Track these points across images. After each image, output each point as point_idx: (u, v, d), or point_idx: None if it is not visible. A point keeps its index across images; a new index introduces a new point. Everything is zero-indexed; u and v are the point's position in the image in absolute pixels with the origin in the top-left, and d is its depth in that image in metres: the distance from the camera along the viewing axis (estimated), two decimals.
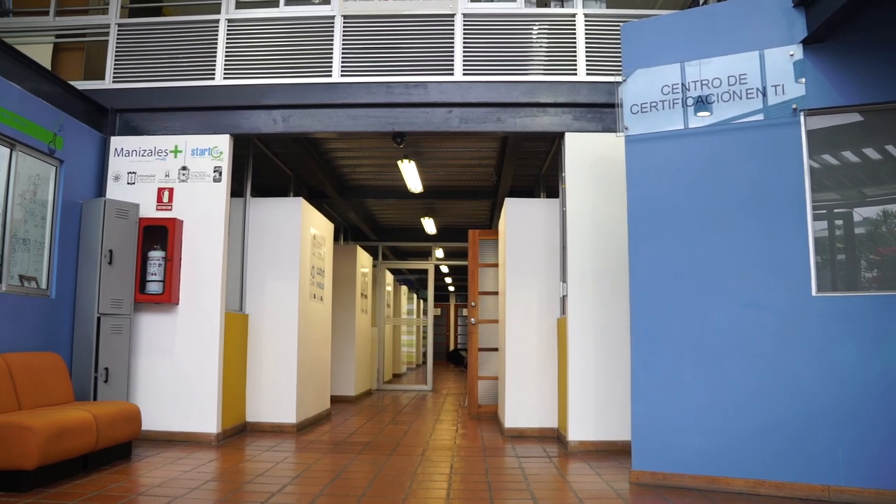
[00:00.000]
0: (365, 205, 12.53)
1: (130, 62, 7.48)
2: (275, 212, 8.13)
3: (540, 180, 9.86)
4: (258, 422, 7.78)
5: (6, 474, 4.66)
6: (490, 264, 9.76)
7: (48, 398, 5.76)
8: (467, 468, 5.81)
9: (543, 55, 7.16)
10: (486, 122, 7.10)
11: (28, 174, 6.32)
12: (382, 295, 14.98)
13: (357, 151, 9.51)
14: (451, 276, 23.92)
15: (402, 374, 18.89)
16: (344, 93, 7.18)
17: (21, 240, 6.22)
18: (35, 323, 6.23)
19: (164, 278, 7.01)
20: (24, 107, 6.14)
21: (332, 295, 9.96)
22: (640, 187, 5.45)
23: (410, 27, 7.21)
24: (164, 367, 7.02)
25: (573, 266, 6.85)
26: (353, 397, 11.67)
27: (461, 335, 29.83)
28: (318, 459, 6.14)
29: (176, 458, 5.98)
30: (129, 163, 7.28)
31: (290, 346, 7.89)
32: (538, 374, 7.66)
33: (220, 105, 7.29)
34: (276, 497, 4.67)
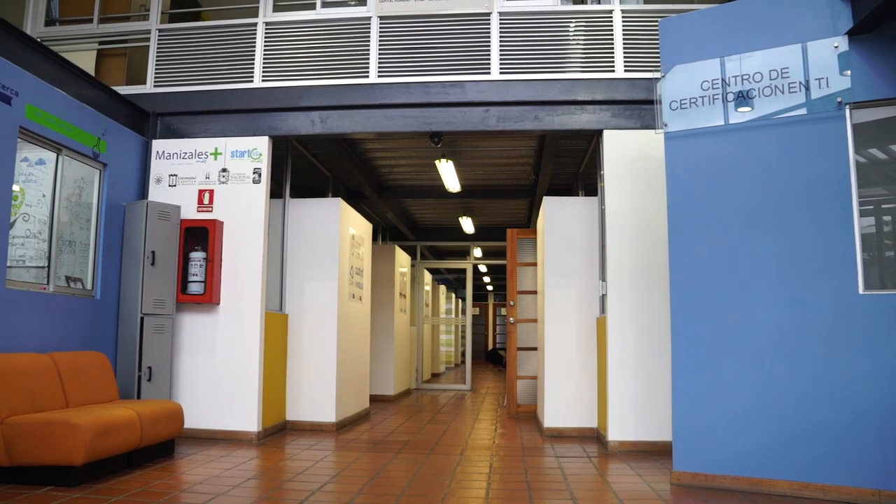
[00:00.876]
0: (403, 205, 12.57)
1: (171, 67, 7.59)
2: (314, 212, 8.19)
3: (578, 178, 9.80)
4: (298, 420, 7.85)
5: (56, 469, 4.77)
6: (528, 263, 9.72)
7: (94, 396, 5.88)
8: (506, 468, 5.80)
9: (580, 52, 7.11)
10: (524, 120, 7.08)
11: (73, 178, 6.45)
12: (421, 294, 15.01)
13: (395, 151, 9.54)
14: (490, 275, 23.87)
15: (441, 374, 18.90)
16: (381, 93, 7.21)
17: (67, 242, 6.35)
18: (81, 323, 6.36)
19: (206, 279, 7.10)
20: (70, 112, 6.27)
21: (370, 295, 10.01)
22: (680, 184, 5.38)
23: (447, 27, 7.21)
24: (205, 366, 7.11)
25: (612, 264, 6.79)
26: (391, 396, 11.71)
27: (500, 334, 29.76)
28: (358, 458, 6.18)
29: (217, 456, 6.05)
30: (170, 165, 7.39)
31: (330, 345, 7.94)
32: (577, 373, 7.62)
33: (259, 107, 7.36)
34: (316, 495, 4.70)
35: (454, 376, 18.62)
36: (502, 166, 10.17)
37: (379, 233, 14.00)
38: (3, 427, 4.81)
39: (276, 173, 7.94)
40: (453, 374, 19.35)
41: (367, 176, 10.19)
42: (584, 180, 9.69)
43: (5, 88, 5.49)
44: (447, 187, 10.60)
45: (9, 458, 4.80)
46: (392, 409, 10.41)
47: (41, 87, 5.94)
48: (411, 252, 14.70)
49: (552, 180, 10.10)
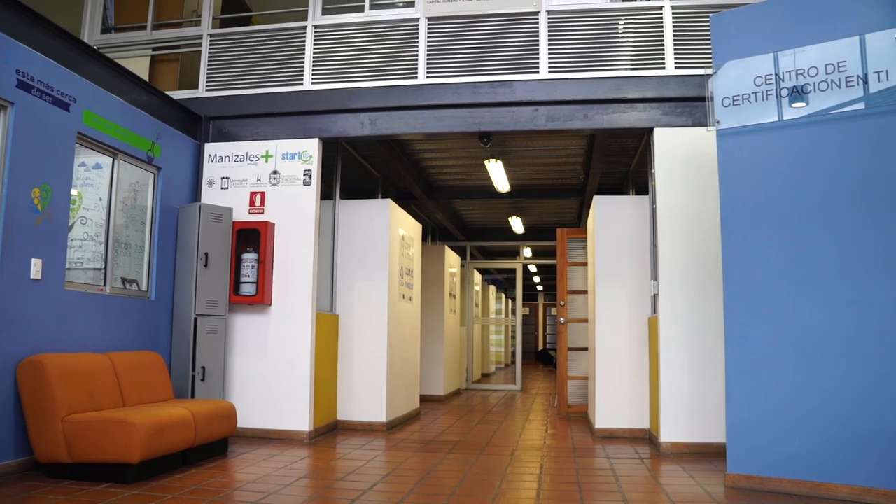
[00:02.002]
0: (452, 205, 12.58)
1: (222, 71, 7.71)
2: (364, 213, 8.25)
3: (629, 177, 9.69)
4: (349, 420, 7.90)
5: (113, 467, 4.88)
6: (579, 263, 9.65)
7: (149, 395, 6.00)
8: (557, 468, 5.76)
9: (630, 50, 7.03)
10: (573, 119, 7.02)
11: (129, 181, 6.60)
12: (471, 295, 15.00)
13: (444, 152, 9.55)
14: (540, 275, 23.76)
15: (491, 374, 18.88)
16: (430, 94, 7.22)
17: (123, 244, 6.50)
18: (137, 323, 6.50)
19: (257, 280, 7.20)
20: (125, 118, 6.42)
21: (420, 295, 10.04)
22: (733, 182, 5.28)
23: (495, 26, 7.19)
24: (257, 366, 7.21)
25: (664, 264, 6.70)
26: (442, 397, 11.73)
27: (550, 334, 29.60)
28: (408, 458, 6.19)
29: (270, 455, 6.13)
30: (222, 168, 7.51)
31: (380, 345, 7.99)
32: (629, 373, 7.53)
33: (309, 110, 7.43)
34: (367, 495, 4.73)
35: (504, 377, 18.58)
36: (552, 166, 10.11)
37: (428, 233, 14.03)
38: (64, 425, 4.94)
39: (326, 175, 8.02)
40: (503, 375, 19.31)
41: (416, 177, 10.21)
42: (634, 179, 9.58)
43: (63, 95, 5.64)
44: (496, 187, 10.57)
45: (70, 455, 4.93)
46: (442, 409, 10.43)
47: (98, 94, 6.09)
48: (461, 252, 14.70)
49: (602, 179, 10.00)
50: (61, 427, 4.94)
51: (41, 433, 4.99)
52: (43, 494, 4.53)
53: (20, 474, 5.08)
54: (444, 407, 10.73)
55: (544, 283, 26.66)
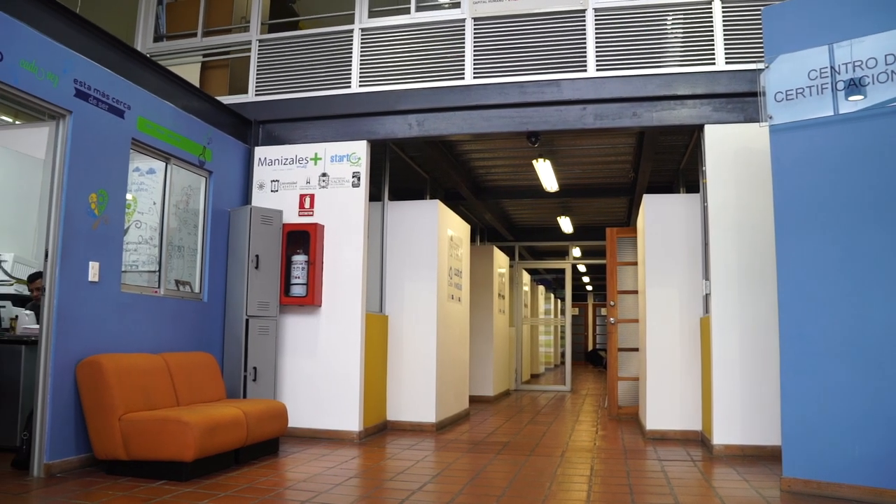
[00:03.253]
0: (501, 205, 12.56)
1: (271, 75, 7.81)
2: (412, 214, 8.28)
3: (679, 175, 9.56)
4: (398, 420, 7.94)
5: (168, 464, 4.99)
6: (629, 262, 9.55)
7: (202, 395, 6.11)
8: (608, 470, 5.70)
9: (679, 46, 6.93)
10: (622, 117, 6.95)
11: (181, 185, 6.73)
12: (520, 295, 14.95)
13: (491, 152, 9.54)
14: (589, 275, 23.59)
15: (541, 375, 18.79)
16: (477, 94, 7.21)
17: (176, 247, 6.62)
18: (190, 324, 6.63)
19: (307, 281, 7.27)
20: (178, 123, 6.54)
21: (469, 296, 10.04)
22: (787, 179, 5.17)
23: (541, 25, 7.16)
24: (308, 366, 7.28)
25: (716, 263, 6.59)
26: (491, 397, 11.71)
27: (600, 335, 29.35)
28: (458, 458, 6.20)
29: (320, 455, 6.19)
30: (272, 171, 7.61)
31: (429, 346, 8.01)
32: (681, 374, 7.43)
33: (357, 112, 7.49)
34: (417, 495, 4.74)
35: (554, 377, 18.48)
36: (600, 164, 10.02)
37: (477, 234, 14.03)
38: (121, 423, 5.06)
39: (374, 176, 8.06)
40: (553, 375, 19.20)
41: (464, 177, 10.22)
42: (685, 177, 9.44)
43: (118, 103, 5.78)
44: (545, 187, 10.53)
45: (127, 453, 5.05)
46: (491, 409, 10.41)
47: (151, 100, 6.22)
48: (509, 253, 14.67)
49: (652, 177, 9.88)
50: (118, 425, 5.06)
51: (100, 431, 5.12)
52: (102, 490, 4.64)
53: (81, 470, 5.22)
54: (493, 407, 10.71)
55: (594, 283, 26.47)
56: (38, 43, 5.05)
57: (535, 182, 10.58)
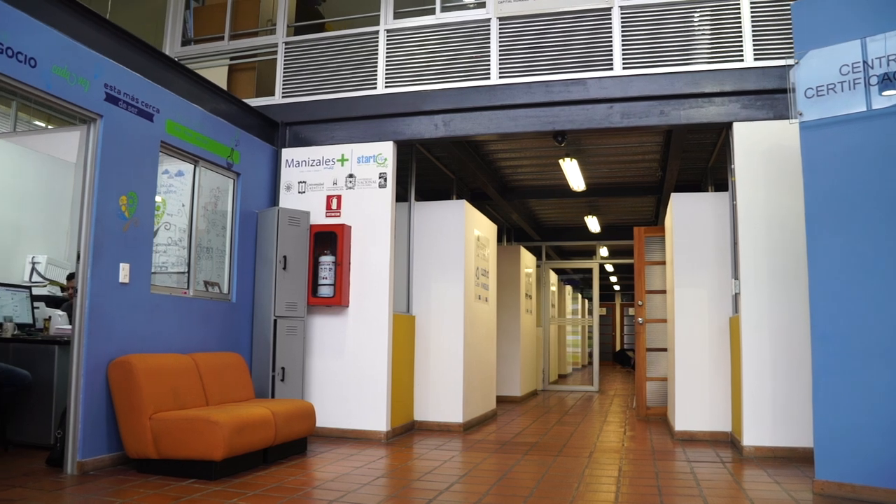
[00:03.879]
0: (527, 205, 12.53)
1: (297, 77, 7.86)
2: (439, 215, 8.29)
3: (707, 173, 9.48)
4: (425, 421, 7.95)
5: (198, 463, 5.04)
6: (657, 262, 9.48)
7: (231, 395, 6.16)
8: (636, 471, 5.67)
9: (706, 43, 6.86)
10: (649, 116, 6.90)
11: (210, 187, 6.79)
12: (547, 295, 14.91)
13: (518, 152, 9.52)
14: (617, 274, 23.45)
15: (568, 375, 18.71)
16: (503, 94, 7.20)
17: (205, 248, 6.68)
18: (218, 325, 6.68)
19: (335, 282, 7.31)
20: (206, 126, 6.61)
21: (496, 296, 10.02)
22: (818, 176, 5.09)
23: (566, 24, 7.13)
24: (335, 366, 7.32)
25: (746, 262, 6.52)
26: (518, 398, 11.69)
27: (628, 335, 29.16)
28: (485, 459, 6.19)
29: (348, 455, 6.21)
30: (299, 172, 7.65)
31: (457, 346, 8.01)
32: (710, 375, 7.36)
33: (383, 113, 7.51)
34: (444, 495, 4.74)
35: (581, 377, 18.39)
36: (628, 163, 9.96)
37: (504, 234, 14.00)
38: (152, 422, 5.12)
39: (401, 177, 8.08)
40: (580, 376, 19.12)
41: (490, 177, 10.21)
42: (713, 175, 9.37)
43: (147, 106, 5.84)
44: (572, 186, 10.49)
45: (157, 451, 5.11)
46: (519, 410, 10.39)
47: (179, 104, 6.28)
48: (536, 252, 14.63)
49: (680, 176, 9.81)
50: (149, 424, 5.12)
51: (131, 430, 5.18)
52: (133, 488, 4.70)
53: (112, 468, 5.29)
54: (520, 408, 10.69)
55: (621, 282, 26.31)
56: (70, 49, 5.12)
57: (562, 181, 10.54)
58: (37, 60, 4.83)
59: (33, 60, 4.80)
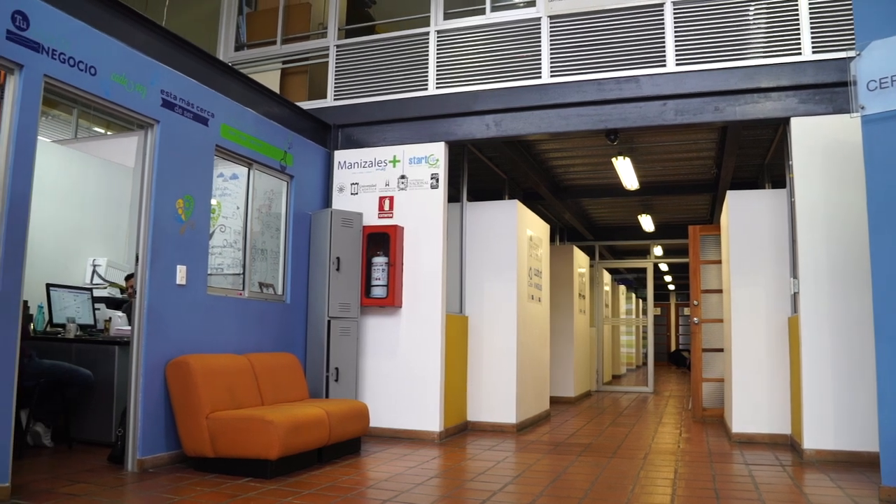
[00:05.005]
0: (580, 204, 12.44)
1: (349, 80, 7.92)
2: (491, 215, 8.27)
3: (764, 170, 9.29)
4: (478, 421, 7.94)
5: (253, 462, 5.11)
6: (712, 261, 9.32)
7: (286, 395, 6.23)
8: (692, 474, 5.57)
9: (762, 37, 6.71)
10: (703, 112, 6.78)
11: (263, 190, 6.88)
12: (600, 295, 14.77)
13: (570, 151, 9.45)
14: (671, 274, 23.15)
15: (622, 376, 18.51)
16: (554, 93, 7.15)
17: (259, 250, 6.78)
18: (273, 326, 6.77)
19: (388, 283, 7.34)
20: (259, 129, 6.70)
21: (549, 296, 9.97)
22: (881, 171, 4.93)
23: (618, 21, 7.04)
24: (389, 367, 7.35)
25: (805, 261, 6.36)
26: (572, 398, 11.60)
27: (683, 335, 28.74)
28: (539, 460, 6.16)
29: (401, 455, 6.23)
30: (351, 174, 7.71)
31: (510, 346, 7.98)
32: (768, 376, 7.20)
33: (434, 114, 7.52)
34: (498, 496, 4.73)
35: (636, 378, 18.18)
36: (682, 161, 9.81)
37: (556, 233, 13.92)
38: (208, 422, 5.20)
39: (452, 177, 8.09)
40: (635, 377, 18.90)
41: (542, 177, 10.16)
42: (770, 172, 9.17)
43: (203, 111, 5.95)
44: (625, 185, 10.38)
45: (214, 450, 5.19)
46: (572, 410, 10.31)
47: (233, 108, 6.38)
48: (590, 252, 14.51)
49: (735, 173, 9.62)
50: (206, 423, 5.20)
51: (188, 429, 5.28)
52: (191, 486, 4.79)
53: (170, 466, 5.40)
54: (574, 409, 10.61)
55: (676, 282, 25.96)
56: (128, 56, 5.25)
57: (615, 180, 10.44)
58: (97, 69, 4.95)
59: (93, 69, 4.93)
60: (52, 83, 4.66)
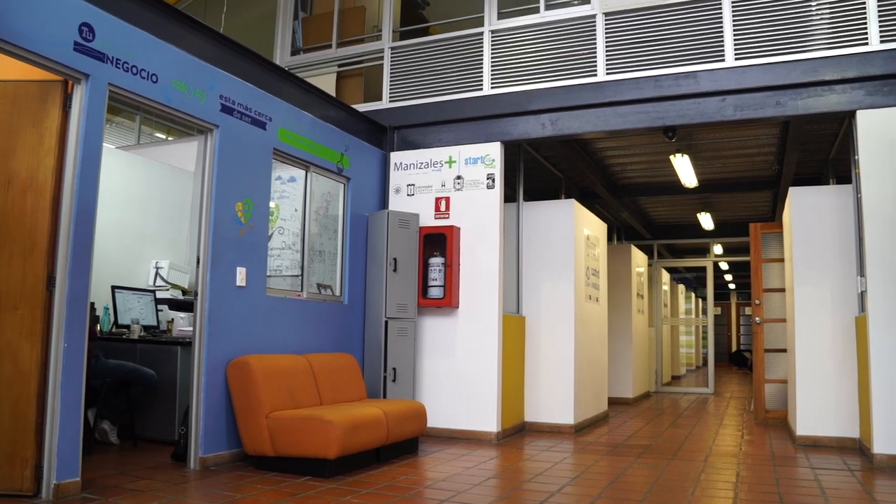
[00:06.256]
0: (637, 203, 12.30)
1: (404, 81, 7.96)
2: (548, 214, 8.22)
3: (828, 165, 9.05)
4: (536, 422, 7.90)
5: (312, 461, 5.17)
6: (774, 259, 9.11)
7: (344, 395, 6.29)
8: (755, 477, 5.45)
9: (826, 27, 6.53)
10: (764, 107, 6.63)
11: (321, 192, 6.96)
12: (659, 294, 14.57)
13: (627, 149, 9.35)
14: (732, 272, 22.72)
15: (682, 376, 18.22)
16: (610, 91, 7.08)
17: (317, 252, 6.86)
18: (331, 326, 6.84)
19: (445, 283, 7.36)
20: (316, 132, 6.78)
21: (607, 296, 9.87)
22: None
23: (674, 16, 6.93)
24: (446, 367, 7.36)
25: (872, 258, 6.17)
26: (630, 399, 11.47)
27: (744, 335, 28.16)
28: (597, 461, 6.10)
29: (458, 455, 6.23)
30: (407, 175, 7.75)
31: (567, 347, 7.93)
32: (834, 377, 7.00)
33: (490, 114, 7.51)
34: (555, 497, 4.69)
35: (695, 379, 17.89)
36: (742, 157, 9.61)
37: (614, 233, 13.78)
38: (268, 421, 5.28)
39: (508, 177, 8.06)
40: (694, 377, 18.59)
41: (599, 175, 10.06)
42: (834, 167, 8.93)
43: (260, 115, 6.04)
44: (683, 183, 10.23)
45: (273, 449, 5.27)
46: (631, 412, 10.19)
47: (290, 112, 6.47)
48: (648, 251, 14.32)
49: (798, 169, 9.39)
50: (266, 423, 5.28)
51: (248, 428, 5.36)
52: (251, 484, 4.87)
53: (231, 464, 5.50)
54: (632, 410, 10.48)
55: (737, 280, 25.47)
56: (188, 63, 5.36)
57: (673, 178, 10.29)
58: (158, 76, 5.07)
59: (155, 76, 5.05)
60: (116, 91, 4.79)
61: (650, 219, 13.92)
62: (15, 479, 4.24)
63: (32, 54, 4.22)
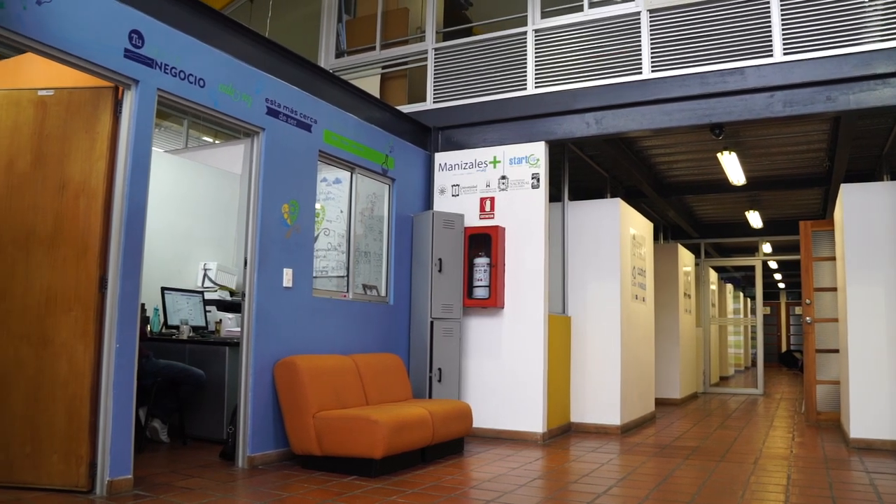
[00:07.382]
0: (684, 201, 12.15)
1: (448, 82, 7.97)
2: (593, 214, 8.17)
3: (882, 161, 8.84)
4: (582, 422, 7.85)
5: (358, 461, 5.21)
6: (826, 258, 8.93)
7: (390, 395, 6.32)
8: (806, 480, 5.35)
9: (879, 18, 6.36)
10: (814, 102, 6.50)
11: (366, 193, 7.01)
12: (706, 294, 14.38)
13: (672, 147, 9.24)
14: (781, 271, 22.31)
15: (730, 377, 17.95)
16: (655, 88, 7.00)
17: (363, 252, 6.91)
18: (377, 327, 6.88)
19: (490, 283, 7.35)
20: (360, 134, 6.83)
21: (653, 295, 9.77)
22: None
23: (721, 11, 6.83)
24: (491, 368, 7.36)
25: None
26: (678, 400, 11.33)
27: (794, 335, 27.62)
28: (644, 462, 6.04)
29: (504, 456, 6.23)
30: (452, 176, 7.76)
31: (613, 347, 7.87)
32: (890, 378, 6.83)
33: (534, 114, 7.48)
34: (602, 498, 4.66)
35: (744, 380, 17.61)
36: (791, 154, 9.44)
37: (660, 232, 13.63)
38: (315, 421, 5.33)
39: (553, 177, 8.02)
40: (743, 378, 18.30)
41: (645, 174, 9.97)
42: (888, 163, 8.71)
43: (306, 118, 6.11)
44: (731, 181, 10.08)
45: (320, 448, 5.32)
46: (678, 412, 10.07)
47: (335, 114, 6.52)
48: (695, 250, 14.13)
49: (850, 165, 9.18)
50: (312, 422, 5.34)
51: (295, 427, 5.42)
52: (298, 483, 4.92)
53: (279, 463, 5.56)
54: (680, 410, 10.35)
55: (787, 280, 25.02)
56: (234, 67, 5.44)
57: (721, 176, 10.14)
58: (205, 81, 5.15)
59: (202, 81, 5.13)
60: (165, 96, 4.88)
61: (697, 217, 13.75)
62: (71, 475, 4.35)
63: (84, 62, 4.33)
